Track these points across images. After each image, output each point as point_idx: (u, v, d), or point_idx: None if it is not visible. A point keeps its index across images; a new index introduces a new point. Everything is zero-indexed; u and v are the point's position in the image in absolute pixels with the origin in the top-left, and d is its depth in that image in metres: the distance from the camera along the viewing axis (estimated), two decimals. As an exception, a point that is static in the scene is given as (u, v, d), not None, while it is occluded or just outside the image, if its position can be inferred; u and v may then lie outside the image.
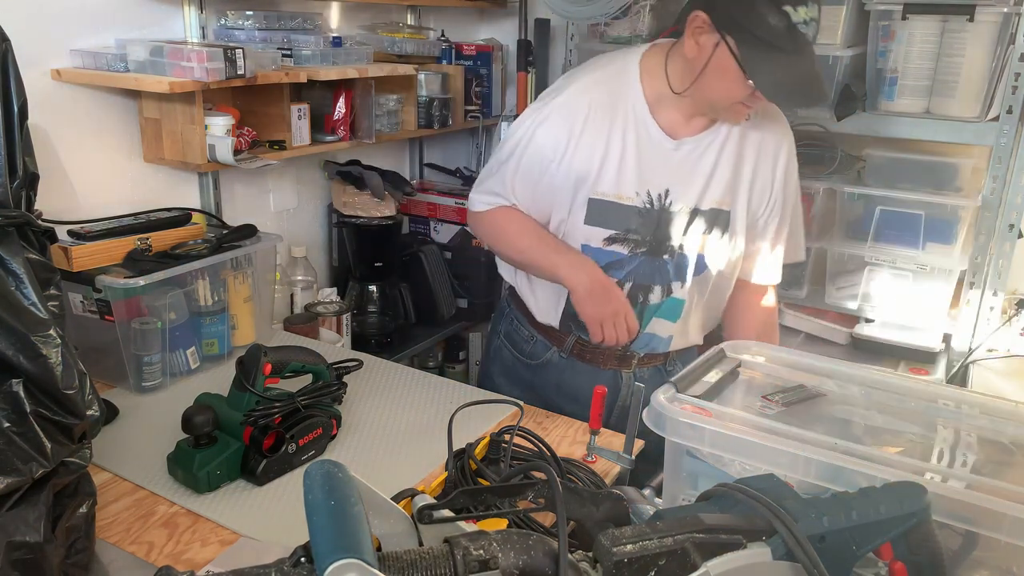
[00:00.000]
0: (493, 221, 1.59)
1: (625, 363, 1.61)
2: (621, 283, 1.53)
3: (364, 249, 2.25)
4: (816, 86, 1.35)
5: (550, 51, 2.59)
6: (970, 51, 1.83)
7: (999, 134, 1.82)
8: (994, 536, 0.78)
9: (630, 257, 1.51)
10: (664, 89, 1.45)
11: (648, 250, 1.51)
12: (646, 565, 0.67)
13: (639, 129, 1.46)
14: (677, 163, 1.47)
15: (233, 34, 1.81)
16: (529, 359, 1.69)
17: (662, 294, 1.54)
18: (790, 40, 1.29)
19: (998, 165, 1.85)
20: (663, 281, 1.53)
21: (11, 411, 0.91)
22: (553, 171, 1.48)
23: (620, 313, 1.49)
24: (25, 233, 0.99)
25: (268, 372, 1.25)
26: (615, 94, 1.46)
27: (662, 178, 1.47)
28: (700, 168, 1.48)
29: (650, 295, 1.54)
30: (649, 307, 1.55)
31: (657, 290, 1.54)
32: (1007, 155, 1.83)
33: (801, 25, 1.29)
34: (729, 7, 1.32)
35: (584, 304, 1.49)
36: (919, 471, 0.84)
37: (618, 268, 1.52)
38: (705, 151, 1.48)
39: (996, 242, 1.89)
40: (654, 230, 1.49)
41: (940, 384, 1.86)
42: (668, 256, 1.51)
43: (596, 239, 1.50)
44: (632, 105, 1.46)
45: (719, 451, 0.93)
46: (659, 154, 1.47)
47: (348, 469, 0.68)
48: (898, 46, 1.91)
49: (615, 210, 1.48)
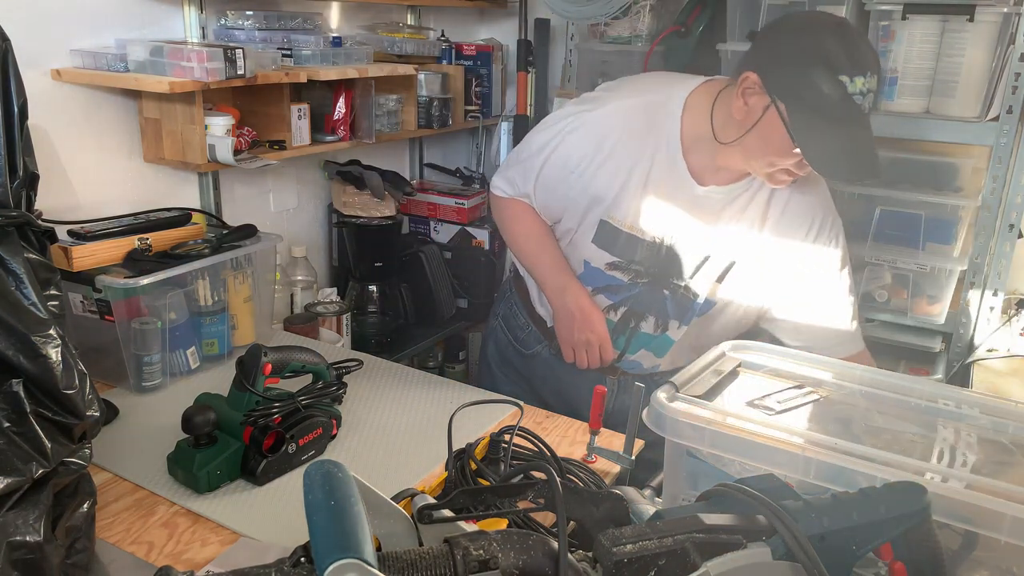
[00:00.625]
0: (506, 212, 1.60)
1: (611, 369, 1.60)
2: (616, 306, 1.53)
3: (364, 249, 2.25)
4: (867, 159, 1.27)
5: (550, 51, 2.59)
6: (970, 51, 1.83)
7: (999, 134, 1.82)
8: (994, 536, 0.78)
9: (629, 284, 1.51)
10: (704, 132, 1.39)
11: (650, 281, 1.50)
12: (646, 565, 0.67)
13: (667, 165, 1.42)
14: (698, 209, 1.44)
15: (233, 34, 1.81)
16: (522, 347, 1.70)
17: (655, 326, 1.53)
18: (844, 111, 1.23)
19: (998, 165, 1.85)
20: (659, 314, 1.52)
21: (11, 411, 0.91)
22: (572, 182, 1.47)
23: (595, 344, 1.50)
24: (25, 233, 0.99)
25: (268, 372, 1.25)
26: (652, 124, 1.42)
27: (679, 220, 1.45)
28: (721, 219, 1.45)
29: (642, 323, 1.53)
30: (639, 335, 1.54)
31: (651, 320, 1.53)
32: (1007, 155, 1.83)
33: (857, 96, 1.23)
34: (783, 72, 1.26)
35: (561, 327, 1.52)
36: (919, 471, 0.84)
37: (615, 292, 1.52)
38: (728, 204, 1.44)
39: (996, 242, 1.89)
40: (660, 266, 1.48)
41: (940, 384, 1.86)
42: (668, 292, 1.50)
43: (599, 260, 1.50)
44: (667, 140, 1.41)
45: (719, 451, 0.93)
46: (681, 196, 1.43)
47: (348, 469, 0.68)
48: (898, 46, 1.91)
49: (624, 239, 1.47)
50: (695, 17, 2.19)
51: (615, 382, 1.60)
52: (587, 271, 1.53)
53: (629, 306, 1.52)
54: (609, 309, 1.55)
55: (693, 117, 1.41)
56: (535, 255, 1.56)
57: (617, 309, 1.53)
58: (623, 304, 1.53)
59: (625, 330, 1.54)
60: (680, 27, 2.18)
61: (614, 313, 1.55)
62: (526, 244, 1.58)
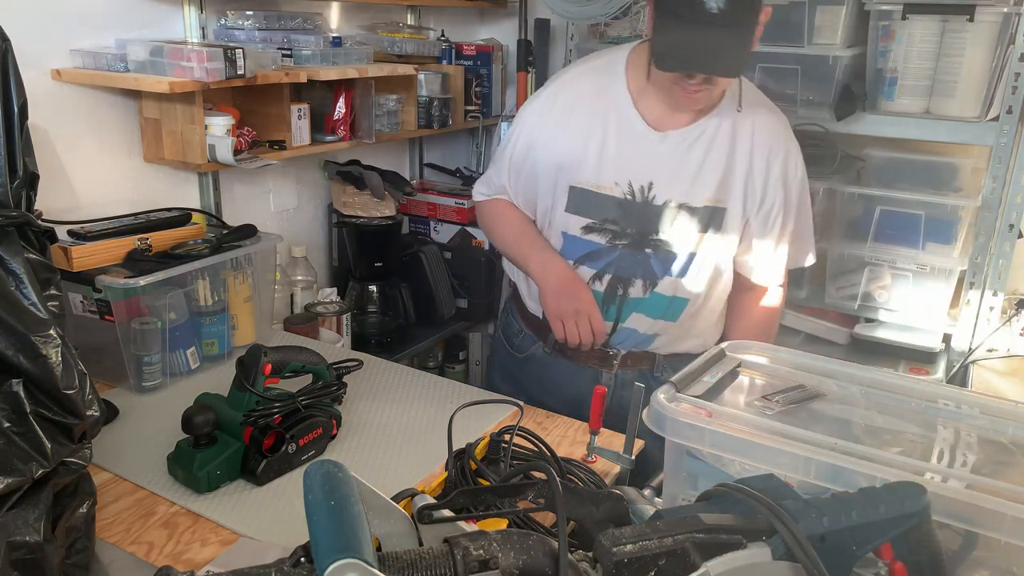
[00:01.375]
0: (487, 212, 1.67)
1: (607, 363, 1.60)
2: (600, 274, 1.53)
3: (364, 249, 2.25)
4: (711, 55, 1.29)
5: (550, 51, 2.59)
6: (970, 51, 1.83)
7: (999, 134, 1.82)
8: (994, 536, 0.78)
9: (609, 248, 1.51)
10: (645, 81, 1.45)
11: (630, 243, 1.50)
12: (646, 565, 0.67)
13: (622, 120, 1.47)
14: (662, 156, 1.46)
15: (233, 34, 1.81)
16: (517, 352, 1.70)
17: (644, 288, 1.52)
18: (689, 8, 1.26)
19: (998, 165, 1.85)
20: (646, 276, 1.52)
21: (11, 411, 0.91)
22: (537, 158, 1.53)
23: (583, 313, 1.49)
24: (25, 233, 0.99)
25: (268, 372, 1.25)
26: (601, 85, 1.49)
27: (645, 170, 1.47)
28: (688, 162, 1.46)
29: (630, 288, 1.53)
30: (629, 301, 1.53)
31: (638, 284, 1.52)
32: (1007, 155, 1.83)
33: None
34: None
35: (548, 300, 1.52)
36: (919, 471, 0.84)
37: (596, 259, 1.52)
38: (693, 145, 1.46)
39: (996, 242, 1.89)
40: (636, 222, 1.49)
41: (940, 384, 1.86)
42: (651, 250, 1.50)
43: (575, 227, 1.52)
44: (616, 96, 1.47)
45: (719, 451, 0.93)
46: (642, 146, 1.46)
47: (348, 469, 0.68)
48: (898, 46, 1.91)
49: (594, 199, 1.49)
50: (695, 17, 2.19)
51: (611, 377, 1.60)
52: (566, 242, 1.54)
53: (613, 272, 1.52)
54: (594, 279, 1.53)
55: (635, 71, 1.47)
56: (516, 241, 1.60)
57: (602, 277, 1.53)
58: (607, 271, 1.52)
59: (614, 298, 1.53)
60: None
61: (600, 283, 1.53)
62: (508, 233, 1.63)
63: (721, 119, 1.46)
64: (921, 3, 1.85)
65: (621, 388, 1.60)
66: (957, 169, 1.98)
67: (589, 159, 1.48)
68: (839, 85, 1.96)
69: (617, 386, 1.61)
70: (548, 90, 1.55)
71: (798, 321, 2.22)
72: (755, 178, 1.48)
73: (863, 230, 2.05)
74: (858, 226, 2.08)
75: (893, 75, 1.94)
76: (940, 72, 1.89)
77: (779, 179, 1.49)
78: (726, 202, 1.48)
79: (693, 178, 1.46)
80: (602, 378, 1.60)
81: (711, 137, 1.46)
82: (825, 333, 2.19)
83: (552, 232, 1.57)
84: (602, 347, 1.58)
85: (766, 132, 1.48)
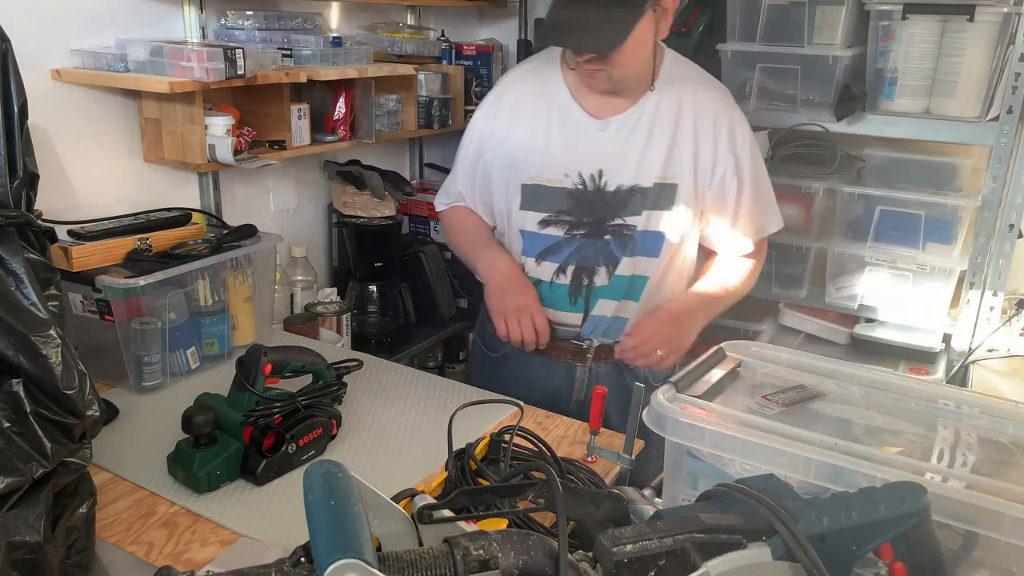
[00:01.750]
0: (446, 219, 1.72)
1: (580, 356, 1.60)
2: (563, 267, 1.54)
3: (364, 249, 2.25)
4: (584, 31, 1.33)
5: (550, 51, 2.58)
6: (970, 51, 1.83)
7: (999, 134, 1.82)
8: (994, 536, 0.78)
9: (568, 239, 1.53)
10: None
11: (588, 232, 1.52)
12: (646, 565, 0.67)
13: (564, 114, 1.50)
14: (606, 143, 1.49)
15: (233, 34, 1.81)
16: (492, 352, 1.71)
17: (607, 275, 1.54)
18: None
19: (998, 165, 1.85)
20: (608, 262, 1.53)
21: (11, 411, 0.91)
22: (487, 160, 1.58)
23: (526, 311, 1.49)
24: (25, 233, 0.99)
25: (268, 372, 1.25)
26: (541, 83, 1.53)
27: (593, 159, 1.49)
28: (632, 145, 1.49)
29: (595, 277, 1.54)
30: (595, 290, 1.55)
31: (602, 271, 1.54)
32: (1007, 155, 1.83)
33: None
34: None
35: (491, 297, 1.53)
36: (919, 471, 0.84)
37: (557, 252, 1.54)
38: (635, 127, 1.48)
39: (996, 242, 1.89)
40: (591, 211, 1.51)
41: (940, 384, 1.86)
42: (610, 236, 1.52)
43: (531, 223, 1.54)
44: (556, 91, 1.51)
45: (719, 451, 0.93)
46: (586, 135, 1.49)
47: (348, 469, 0.68)
48: (898, 46, 1.91)
49: (546, 193, 1.52)
50: (695, 17, 2.19)
51: (585, 371, 1.60)
52: (525, 240, 1.56)
53: (575, 263, 1.54)
54: (557, 273, 1.55)
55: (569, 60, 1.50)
56: (468, 242, 1.64)
57: (565, 270, 1.54)
58: (569, 263, 1.54)
59: (580, 289, 1.55)
60: (680, 27, 2.18)
61: (563, 275, 1.55)
62: (461, 236, 1.67)
63: (660, 98, 1.48)
64: (921, 3, 1.85)
65: (596, 380, 1.61)
66: (957, 169, 1.98)
67: (537, 155, 1.51)
68: (839, 85, 1.96)
69: (591, 380, 1.61)
70: (492, 95, 1.59)
71: (798, 321, 2.22)
72: (703, 151, 1.50)
73: (863, 230, 2.06)
74: (858, 226, 2.08)
75: (893, 75, 1.94)
76: (940, 72, 1.89)
77: (727, 148, 1.51)
78: (676, 178, 1.50)
79: (639, 159, 1.48)
80: (576, 372, 1.61)
81: (652, 117, 1.48)
82: (825, 333, 2.19)
83: (512, 232, 1.59)
84: (574, 340, 1.59)
85: (707, 105, 1.50)
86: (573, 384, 1.63)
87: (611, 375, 1.61)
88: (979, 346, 1.96)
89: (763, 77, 2.06)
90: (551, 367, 1.62)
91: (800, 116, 2.04)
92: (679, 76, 1.51)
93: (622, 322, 1.57)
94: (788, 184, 2.09)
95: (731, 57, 2.07)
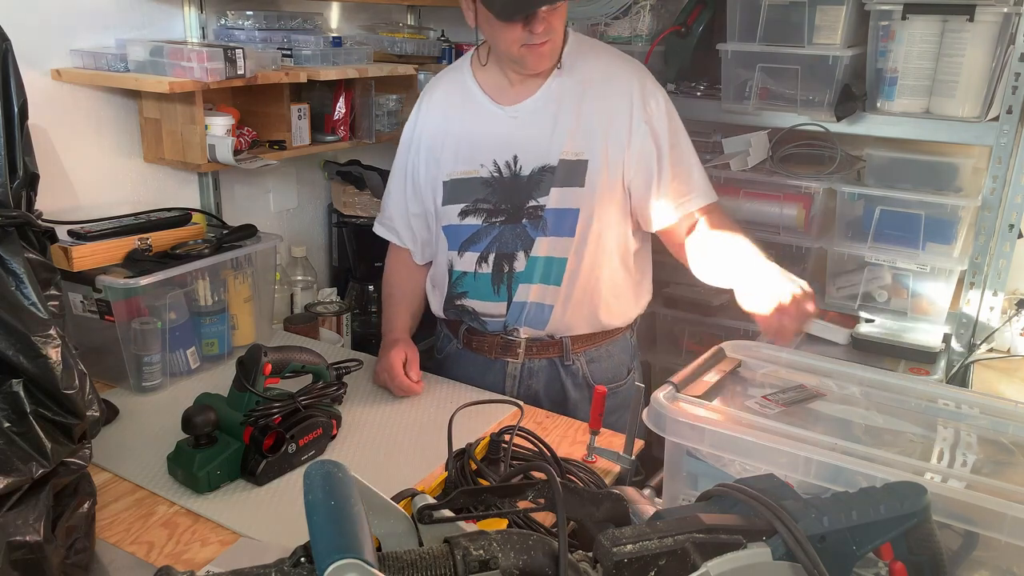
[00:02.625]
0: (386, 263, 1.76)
1: (510, 351, 1.60)
2: (484, 256, 1.55)
3: (364, 249, 2.24)
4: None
5: (550, 51, 2.58)
6: (970, 51, 1.83)
7: (999, 134, 1.82)
8: (994, 536, 0.78)
9: (487, 227, 1.54)
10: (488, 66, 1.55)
11: (506, 218, 1.53)
12: (646, 565, 0.67)
13: (473, 105, 1.55)
14: (516, 128, 1.51)
15: (233, 34, 1.81)
16: (438, 353, 1.75)
17: (525, 258, 1.53)
18: None
19: (998, 165, 1.85)
20: (524, 246, 1.53)
21: (11, 411, 0.91)
22: (414, 163, 1.62)
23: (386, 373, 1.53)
24: (25, 233, 0.99)
25: (268, 372, 1.25)
26: (455, 82, 1.59)
27: (507, 146, 1.51)
28: (540, 126, 1.50)
29: (515, 263, 1.54)
30: (515, 275, 1.55)
31: (520, 256, 1.54)
32: (1007, 155, 1.83)
33: None
34: None
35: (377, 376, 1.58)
36: (919, 471, 0.84)
37: (477, 241, 1.56)
38: (542, 109, 1.50)
39: (996, 242, 1.89)
40: (508, 196, 1.52)
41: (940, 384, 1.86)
42: (527, 219, 1.52)
43: (452, 216, 1.57)
44: (466, 87, 1.57)
45: (719, 451, 0.93)
46: (495, 124, 1.52)
47: (348, 469, 0.68)
48: (898, 46, 1.91)
49: (464, 185, 1.55)
50: (695, 17, 2.19)
51: (518, 367, 1.60)
52: (448, 236, 1.59)
53: (496, 250, 1.55)
54: (479, 262, 1.56)
55: (479, 61, 1.58)
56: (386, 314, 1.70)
57: (487, 258, 1.55)
58: (489, 250, 1.55)
59: (501, 276, 1.55)
60: (680, 27, 2.18)
61: (485, 264, 1.56)
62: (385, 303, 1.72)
63: (564, 78, 1.50)
64: (921, 3, 1.85)
65: (529, 377, 1.61)
66: (957, 169, 1.98)
67: (451, 150, 1.55)
68: (839, 85, 1.96)
69: (524, 375, 1.61)
70: (416, 104, 1.66)
71: (798, 321, 2.22)
72: (615, 124, 1.49)
73: (863, 230, 2.05)
74: (858, 226, 2.08)
75: (893, 75, 1.94)
76: (940, 72, 1.89)
77: (641, 119, 1.49)
78: (586, 154, 1.49)
79: (549, 140, 1.49)
80: (508, 368, 1.61)
81: (559, 97, 1.50)
82: (825, 333, 2.19)
83: (438, 232, 1.61)
84: (502, 335, 1.59)
85: (618, 78, 1.51)
86: (505, 381, 1.62)
87: (545, 370, 1.60)
88: (979, 346, 1.96)
89: (763, 77, 2.06)
90: (486, 365, 1.62)
91: (800, 116, 2.03)
92: (584, 54, 1.52)
93: (546, 309, 1.55)
94: (788, 184, 2.09)
95: (731, 57, 2.07)
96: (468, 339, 1.64)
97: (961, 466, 0.94)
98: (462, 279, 1.58)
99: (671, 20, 2.24)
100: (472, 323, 1.62)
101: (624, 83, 1.51)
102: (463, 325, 1.64)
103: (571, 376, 1.61)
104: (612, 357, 1.64)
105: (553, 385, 1.61)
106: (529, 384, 1.61)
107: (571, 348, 1.59)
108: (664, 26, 2.23)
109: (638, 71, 1.54)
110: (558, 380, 1.61)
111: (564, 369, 1.60)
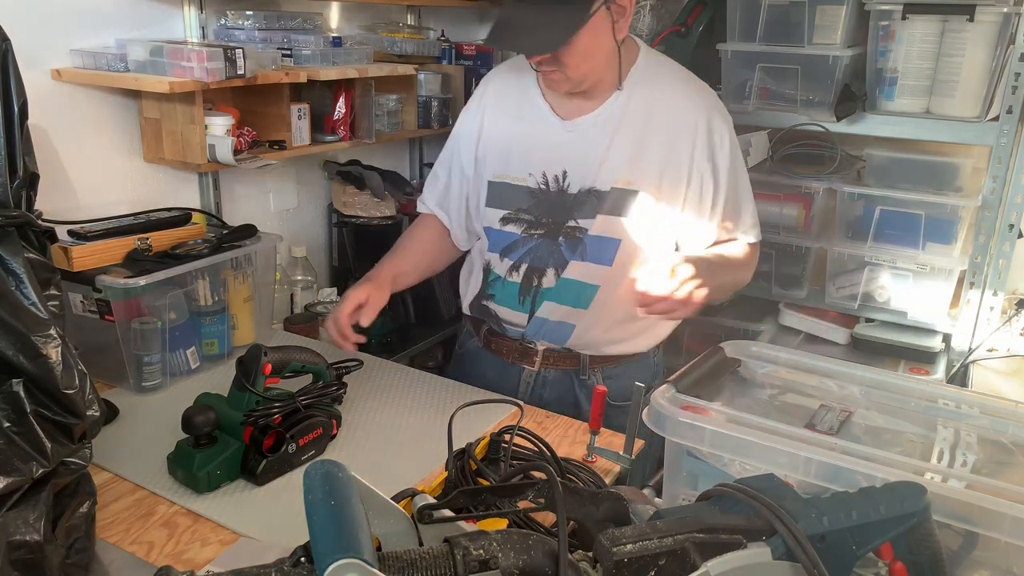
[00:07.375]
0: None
1: (526, 358, 1.59)
2: (517, 265, 1.54)
3: (364, 249, 2.24)
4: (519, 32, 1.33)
5: (550, 51, 2.58)
6: (970, 51, 1.83)
7: (999, 134, 1.82)
8: (994, 536, 0.78)
9: (525, 238, 1.52)
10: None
11: (545, 232, 1.50)
12: (646, 565, 0.67)
13: (534, 112, 1.50)
14: (573, 144, 1.46)
15: (233, 34, 1.81)
16: (460, 348, 1.74)
17: (555, 277, 1.51)
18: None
19: (998, 165, 1.85)
20: (557, 264, 1.50)
21: (11, 411, 0.91)
22: (465, 154, 1.59)
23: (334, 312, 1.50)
24: (25, 233, 0.99)
25: (268, 372, 1.25)
26: (519, 81, 1.54)
27: (558, 160, 1.48)
28: (594, 146, 1.44)
29: (543, 279, 1.51)
30: (542, 291, 1.52)
31: (550, 273, 1.51)
32: (1007, 155, 1.83)
33: None
34: None
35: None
36: (919, 471, 0.84)
37: (513, 250, 1.54)
38: (600, 129, 1.44)
39: (996, 242, 1.89)
40: (551, 211, 1.49)
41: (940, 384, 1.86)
42: (564, 238, 1.49)
43: (494, 220, 1.55)
44: (529, 90, 1.52)
45: (719, 451, 0.93)
46: (552, 135, 1.48)
47: (348, 469, 0.68)
48: (898, 46, 1.91)
49: (510, 191, 1.52)
50: (695, 17, 2.20)
51: (532, 374, 1.59)
52: (490, 238, 1.57)
53: (528, 262, 1.52)
54: (511, 270, 1.54)
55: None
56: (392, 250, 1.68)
57: (519, 268, 1.54)
58: (522, 261, 1.53)
59: (529, 289, 1.53)
60: (680, 27, 2.18)
61: (516, 274, 1.54)
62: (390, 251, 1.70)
63: (629, 99, 1.44)
64: (921, 3, 1.85)
65: (542, 386, 1.60)
66: (957, 169, 1.98)
67: (503, 152, 1.52)
68: (839, 85, 1.96)
69: (538, 384, 1.60)
70: (476, 92, 1.62)
71: (798, 321, 2.22)
72: (675, 156, 1.43)
73: (863, 230, 2.05)
74: (858, 226, 2.08)
75: (893, 75, 1.94)
76: (940, 72, 1.89)
77: (704, 156, 1.44)
78: (637, 184, 1.43)
79: (602, 162, 1.44)
80: (524, 374, 1.60)
81: (619, 119, 1.44)
82: (825, 333, 2.19)
83: (480, 229, 1.60)
84: (521, 341, 1.58)
85: (684, 106, 1.44)
86: (519, 387, 1.61)
87: (560, 382, 1.59)
88: (979, 346, 1.96)
89: (763, 77, 2.06)
90: (503, 367, 1.62)
91: (800, 116, 2.04)
92: (652, 75, 1.45)
93: (567, 327, 1.53)
94: (788, 184, 2.09)
95: (731, 57, 2.07)
96: (488, 340, 1.63)
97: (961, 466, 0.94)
98: (496, 282, 1.57)
99: (671, 20, 2.24)
100: (494, 325, 1.61)
101: (691, 114, 1.43)
102: (485, 325, 1.64)
103: (585, 390, 1.58)
104: (631, 376, 1.51)
105: (566, 397, 1.59)
106: (541, 394, 1.59)
107: (589, 365, 1.58)
108: (664, 26, 2.23)
109: (707, 100, 1.46)
110: (571, 393, 1.59)
111: (579, 383, 1.59)
